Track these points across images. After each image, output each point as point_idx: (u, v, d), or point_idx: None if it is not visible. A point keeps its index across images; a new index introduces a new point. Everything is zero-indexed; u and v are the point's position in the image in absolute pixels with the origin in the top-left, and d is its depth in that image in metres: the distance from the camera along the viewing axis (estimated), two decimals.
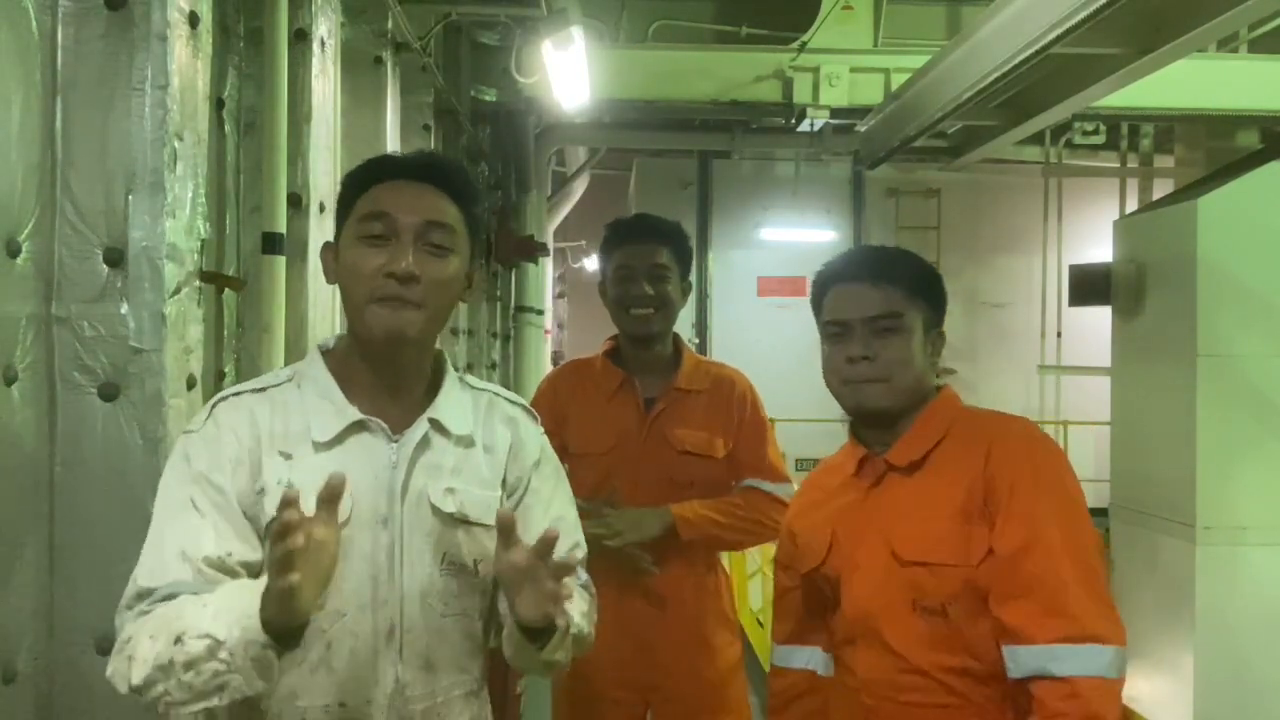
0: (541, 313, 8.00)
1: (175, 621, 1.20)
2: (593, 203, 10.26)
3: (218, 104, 2.36)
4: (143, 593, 1.26)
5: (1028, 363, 9.00)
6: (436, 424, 1.43)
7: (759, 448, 2.39)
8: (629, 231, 2.41)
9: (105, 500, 1.65)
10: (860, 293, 1.66)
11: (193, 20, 1.75)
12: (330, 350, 1.47)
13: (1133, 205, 7.84)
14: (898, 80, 6.13)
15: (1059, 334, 8.69)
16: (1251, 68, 6.24)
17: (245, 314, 2.47)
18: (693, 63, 6.59)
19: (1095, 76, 4.72)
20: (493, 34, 5.50)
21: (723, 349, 8.99)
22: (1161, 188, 7.69)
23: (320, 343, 1.50)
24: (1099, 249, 6.24)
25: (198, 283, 1.80)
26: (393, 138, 3.64)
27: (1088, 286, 5.34)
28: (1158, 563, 4.72)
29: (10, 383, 1.55)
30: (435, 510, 1.39)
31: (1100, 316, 5.52)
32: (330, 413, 1.38)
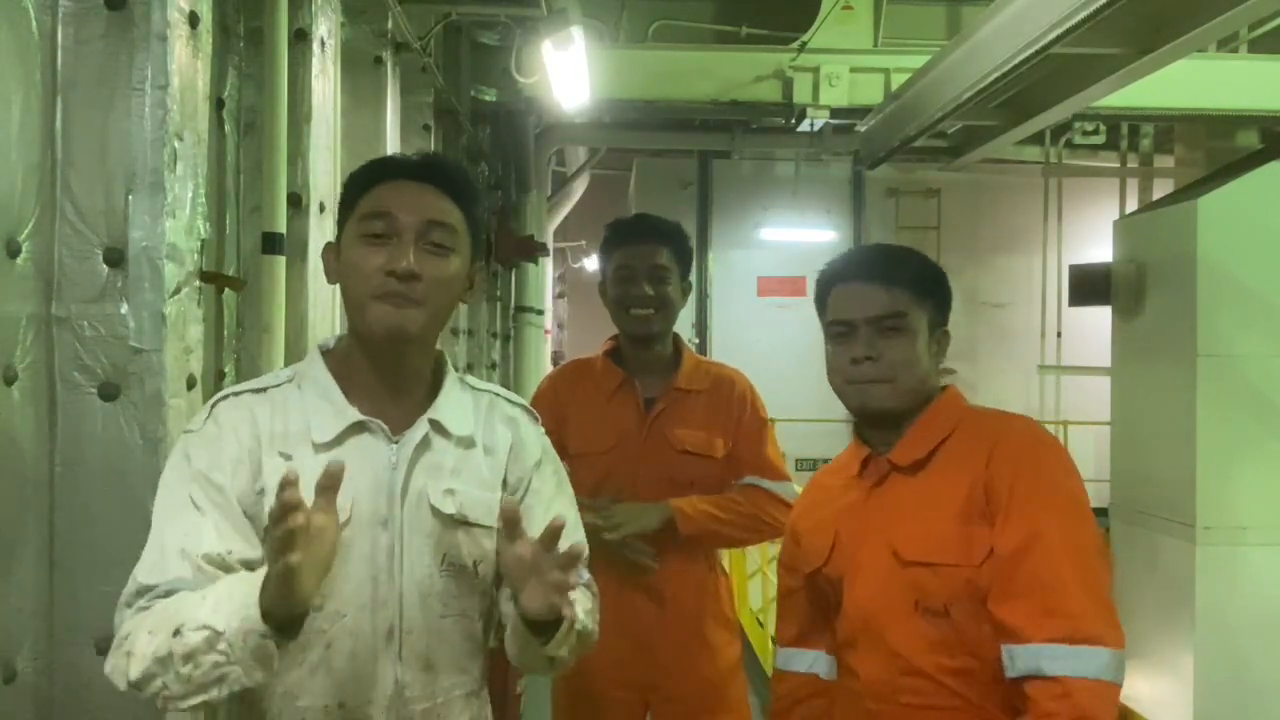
0: (541, 313, 8.00)
1: (174, 615, 1.19)
2: (593, 203, 10.27)
3: (218, 104, 2.36)
4: (142, 589, 1.26)
5: (1028, 363, 9.00)
6: (437, 425, 1.42)
7: (758, 446, 2.39)
8: (629, 232, 2.41)
9: (105, 500, 1.64)
10: (864, 292, 1.64)
11: (193, 20, 1.75)
12: (330, 350, 1.47)
13: (1133, 205, 7.84)
14: (898, 80, 6.14)
15: (1059, 334, 8.69)
16: (1251, 68, 6.25)
17: (245, 314, 2.46)
18: (693, 63, 6.59)
19: (1095, 76, 4.72)
20: (493, 34, 5.50)
21: (723, 349, 9.00)
22: (1161, 188, 7.69)
23: (320, 343, 1.50)
24: (1099, 249, 6.24)
25: (198, 283, 1.80)
26: (393, 138, 3.63)
27: (1088, 286, 5.35)
28: (1158, 563, 4.72)
29: (10, 383, 1.55)
30: (435, 511, 1.39)
31: (1100, 316, 5.52)
32: (330, 413, 1.38)
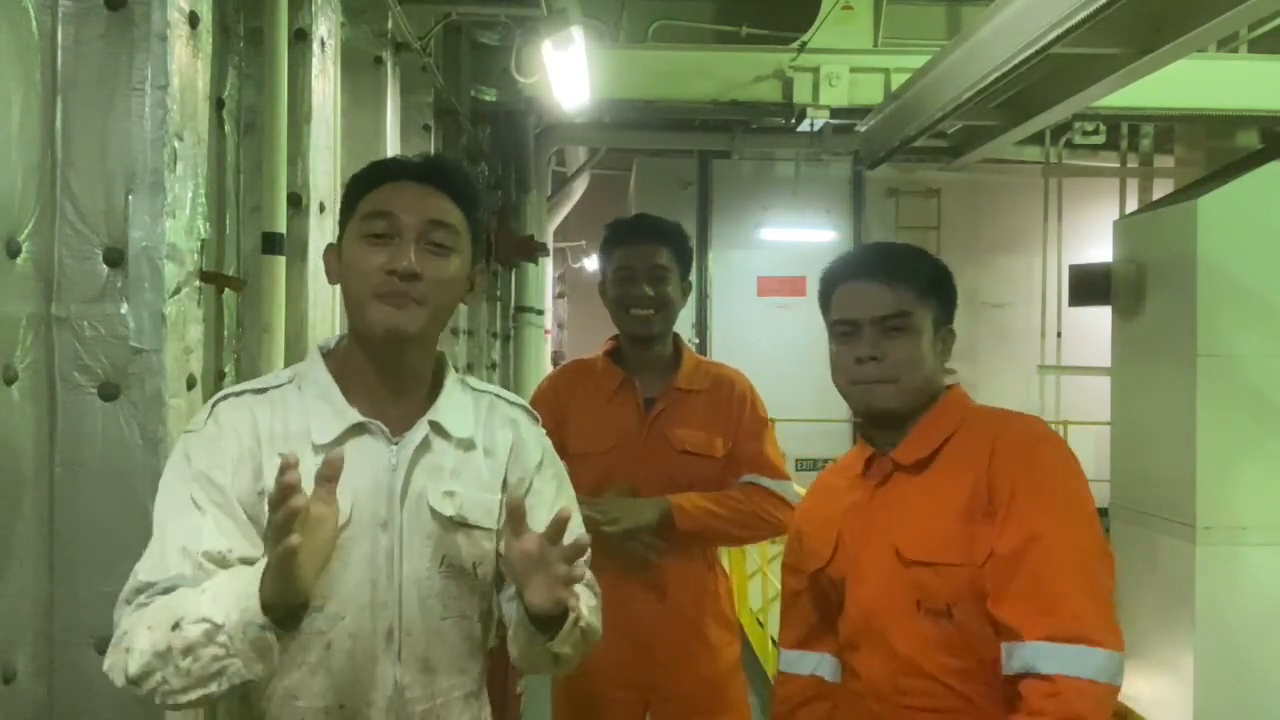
0: (541, 313, 8.00)
1: (173, 610, 1.19)
2: (593, 203, 10.27)
3: (218, 104, 2.36)
4: (142, 586, 1.26)
5: (1028, 363, 9.01)
6: (436, 426, 1.42)
7: (758, 445, 2.39)
8: (629, 232, 2.41)
9: (105, 500, 1.64)
10: (869, 291, 1.62)
11: (193, 20, 1.75)
12: (331, 351, 1.47)
13: (1133, 205, 7.84)
14: (898, 80, 6.14)
15: (1059, 334, 8.69)
16: (1251, 68, 6.25)
17: (245, 314, 2.46)
18: (693, 63, 6.60)
19: (1095, 76, 4.72)
20: (493, 34, 5.50)
21: (723, 349, 9.00)
22: (1161, 188, 7.69)
23: (321, 343, 1.50)
24: (1099, 249, 6.24)
25: (198, 283, 1.80)
26: (393, 138, 3.63)
27: (1088, 286, 5.35)
28: (1158, 563, 4.73)
29: (10, 383, 1.55)
30: (434, 513, 1.39)
31: (1100, 316, 5.52)
32: (330, 414, 1.38)
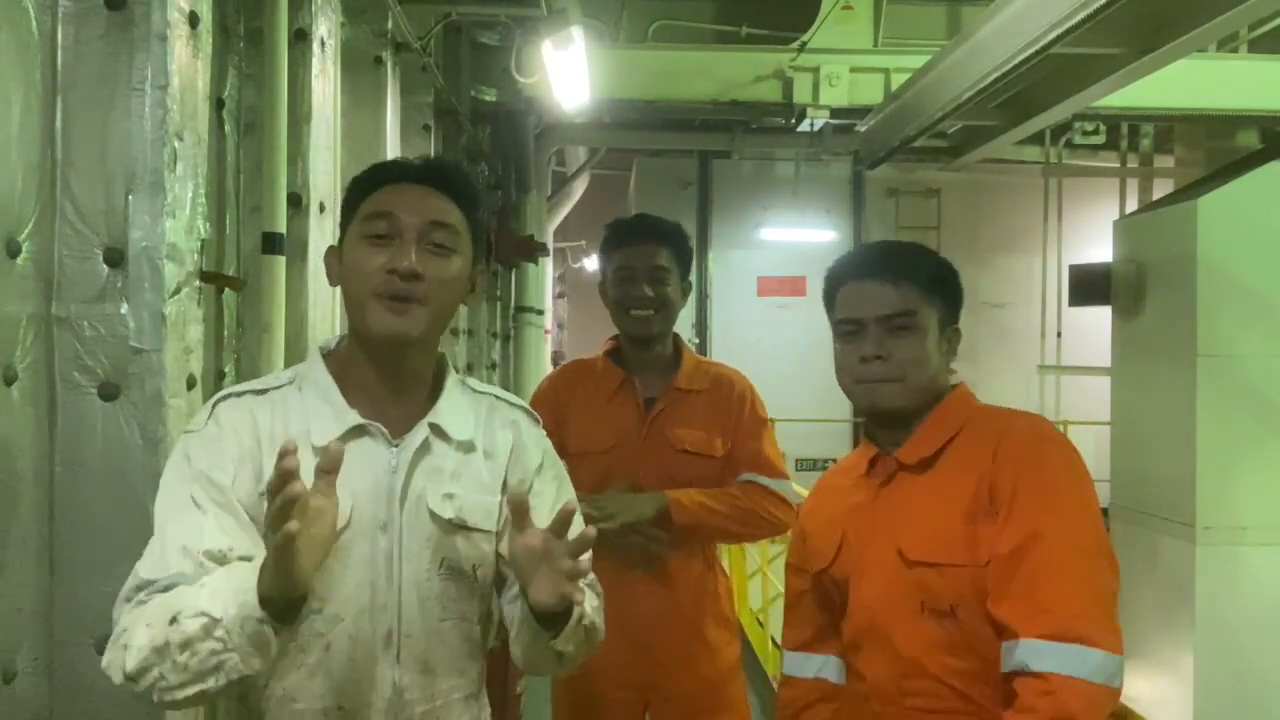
0: (541, 313, 8.00)
1: (172, 606, 1.19)
2: (593, 203, 10.27)
3: (218, 104, 2.36)
4: (142, 584, 1.26)
5: (1028, 363, 9.00)
6: (437, 429, 1.42)
7: (757, 444, 2.39)
8: (628, 232, 2.41)
9: (105, 500, 1.65)
10: (874, 290, 1.61)
11: (193, 20, 1.75)
12: (331, 352, 1.47)
13: (1133, 205, 7.84)
14: (898, 80, 6.14)
15: (1059, 334, 8.69)
16: (1251, 68, 6.25)
17: (245, 314, 2.46)
18: (693, 63, 6.59)
19: (1095, 76, 4.72)
20: (493, 34, 5.50)
21: (723, 349, 9.00)
22: (1161, 188, 7.69)
23: (321, 344, 1.50)
24: (1099, 249, 6.24)
25: (198, 283, 1.80)
26: (393, 138, 3.63)
27: (1088, 286, 5.35)
28: (1158, 563, 4.72)
29: (10, 383, 1.55)
30: (433, 516, 1.39)
31: (1100, 316, 5.52)
32: (330, 416, 1.38)
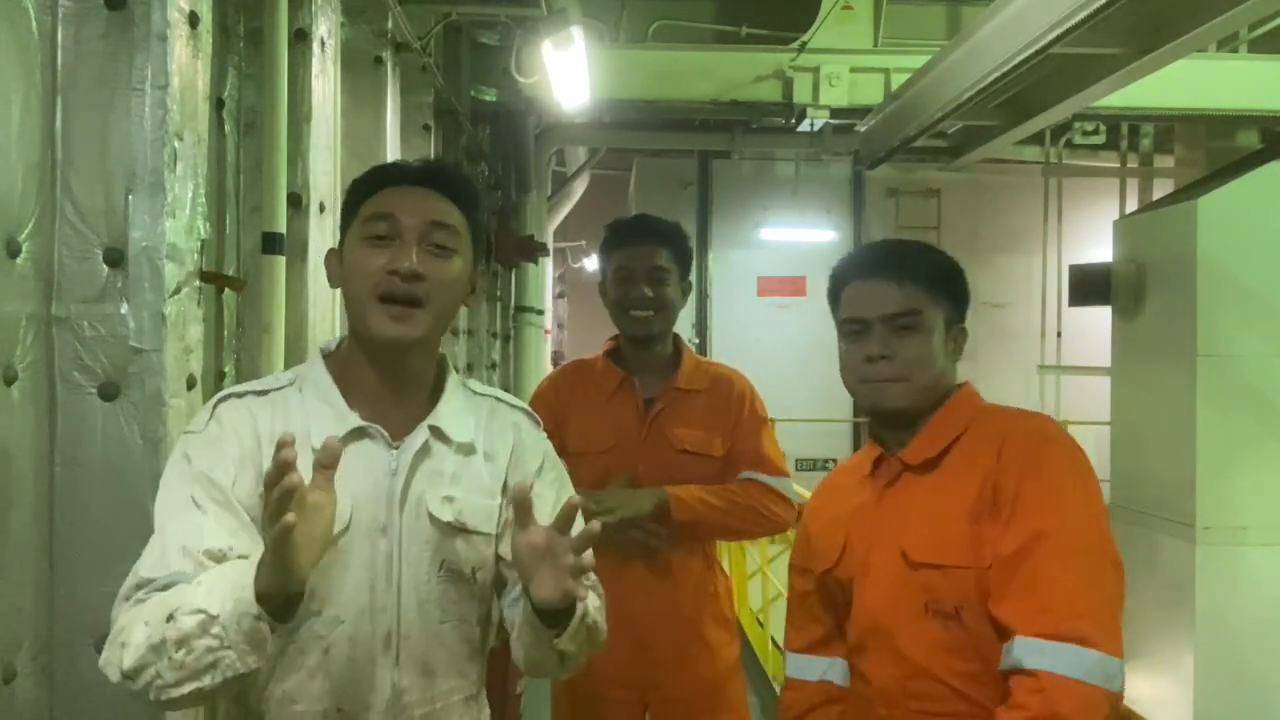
0: (541, 313, 8.00)
1: (169, 604, 1.19)
2: (593, 203, 10.27)
3: (218, 104, 2.36)
4: (141, 583, 1.26)
5: (1028, 363, 8.99)
6: (437, 431, 1.42)
7: (756, 442, 2.39)
8: (628, 232, 2.41)
9: (105, 500, 1.64)
10: (879, 289, 1.60)
11: (193, 20, 1.75)
12: (332, 353, 1.47)
13: (1133, 205, 7.83)
14: (898, 80, 6.14)
15: (1059, 334, 8.68)
16: (1251, 68, 6.25)
17: (245, 314, 2.46)
18: (693, 63, 6.59)
19: (1095, 76, 4.72)
20: (493, 34, 5.50)
21: (723, 349, 9.00)
22: (1161, 188, 7.69)
23: (322, 345, 1.50)
24: (1099, 249, 6.24)
25: (198, 283, 1.80)
26: (393, 138, 3.63)
27: (1088, 286, 5.35)
28: (1158, 563, 4.73)
29: (10, 383, 1.55)
30: (433, 518, 1.39)
31: (1100, 316, 5.52)
32: (330, 417, 1.38)
